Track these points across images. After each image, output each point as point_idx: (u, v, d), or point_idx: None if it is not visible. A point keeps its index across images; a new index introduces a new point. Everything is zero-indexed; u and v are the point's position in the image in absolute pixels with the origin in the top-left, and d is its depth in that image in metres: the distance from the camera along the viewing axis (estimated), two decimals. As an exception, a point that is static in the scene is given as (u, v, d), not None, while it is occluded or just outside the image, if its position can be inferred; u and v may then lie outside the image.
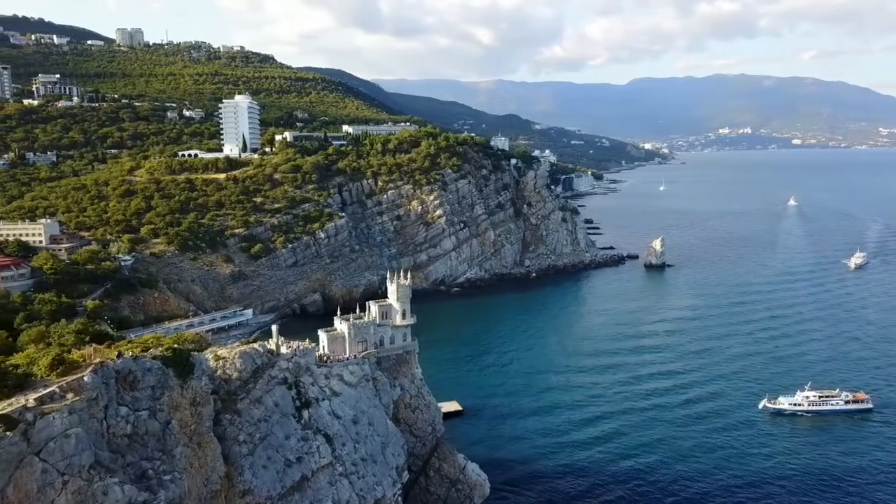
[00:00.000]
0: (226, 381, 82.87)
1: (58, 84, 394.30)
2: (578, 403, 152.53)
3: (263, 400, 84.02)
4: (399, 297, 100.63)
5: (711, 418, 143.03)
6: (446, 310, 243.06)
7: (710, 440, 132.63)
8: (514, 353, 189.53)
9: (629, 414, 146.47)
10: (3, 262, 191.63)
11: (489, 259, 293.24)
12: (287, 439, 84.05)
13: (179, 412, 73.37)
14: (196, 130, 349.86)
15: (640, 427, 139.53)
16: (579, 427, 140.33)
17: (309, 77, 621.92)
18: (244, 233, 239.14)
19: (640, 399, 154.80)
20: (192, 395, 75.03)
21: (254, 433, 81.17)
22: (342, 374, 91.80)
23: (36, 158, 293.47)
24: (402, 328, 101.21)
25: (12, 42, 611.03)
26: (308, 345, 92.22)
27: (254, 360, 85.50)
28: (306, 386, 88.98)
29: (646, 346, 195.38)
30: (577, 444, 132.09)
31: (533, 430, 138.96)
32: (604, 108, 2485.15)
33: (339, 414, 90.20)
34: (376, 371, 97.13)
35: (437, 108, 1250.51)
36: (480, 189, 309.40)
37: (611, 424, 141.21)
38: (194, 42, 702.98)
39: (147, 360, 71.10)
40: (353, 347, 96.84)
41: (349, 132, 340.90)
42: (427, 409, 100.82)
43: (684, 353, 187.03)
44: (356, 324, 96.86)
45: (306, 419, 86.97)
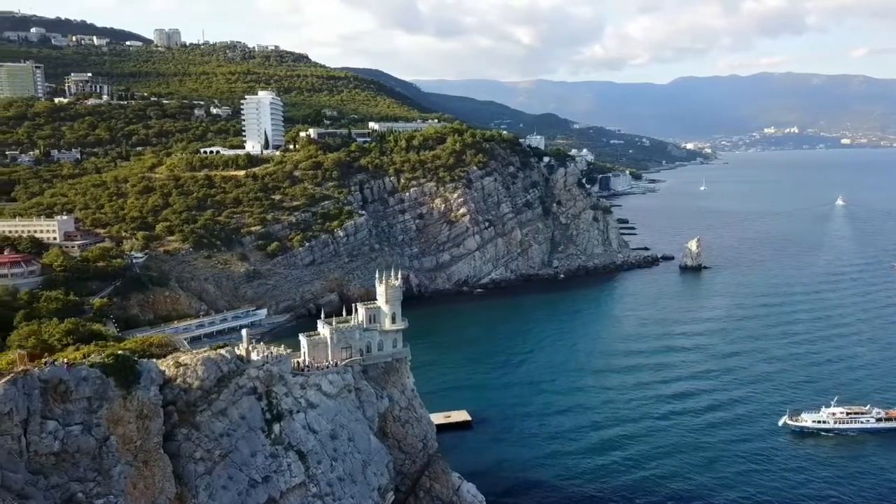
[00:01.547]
0: (185, 390, 74.88)
1: (89, 83, 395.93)
2: (594, 413, 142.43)
3: (228, 412, 75.84)
4: (388, 300, 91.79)
5: (728, 435, 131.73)
6: (467, 311, 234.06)
7: (725, 459, 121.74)
8: (535, 358, 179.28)
9: (644, 425, 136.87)
10: (13, 258, 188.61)
11: (515, 259, 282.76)
12: (253, 456, 75.74)
13: (122, 426, 65.56)
14: (222, 128, 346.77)
15: (655, 439, 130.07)
16: (592, 438, 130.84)
17: (341, 76, 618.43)
18: (261, 231, 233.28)
19: (657, 409, 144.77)
20: (138, 407, 67.15)
21: (213, 449, 72.99)
22: (320, 383, 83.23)
23: (60, 156, 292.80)
24: (391, 333, 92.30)
25: (53, 43, 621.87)
26: (283, 351, 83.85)
27: (219, 368, 77.42)
28: (279, 397, 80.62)
29: (672, 352, 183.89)
30: (587, 458, 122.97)
31: (543, 440, 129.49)
32: (645, 107, 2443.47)
33: (316, 428, 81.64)
34: (361, 381, 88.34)
35: (474, 108, 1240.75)
36: (507, 187, 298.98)
37: (626, 437, 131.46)
38: (230, 42, 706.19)
39: (83, 369, 63.46)
40: (336, 354, 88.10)
41: (375, 129, 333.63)
42: (418, 422, 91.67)
43: (711, 361, 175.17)
44: (339, 328, 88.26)
45: (277, 434, 78.61)
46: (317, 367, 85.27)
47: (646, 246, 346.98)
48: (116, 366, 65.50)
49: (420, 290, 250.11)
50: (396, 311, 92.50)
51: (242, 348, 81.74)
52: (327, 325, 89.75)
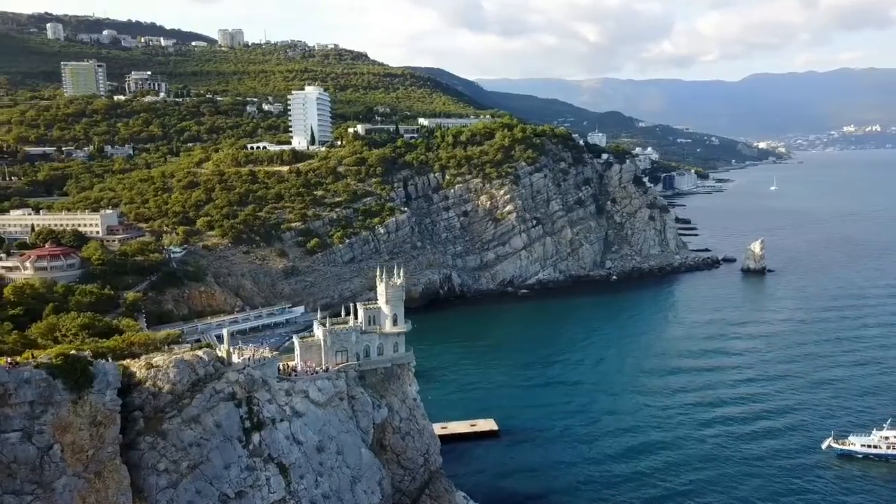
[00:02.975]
0: (154, 394, 68.85)
1: (148, 81, 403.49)
2: (631, 425, 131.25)
3: (201, 419, 69.39)
4: (389, 299, 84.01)
5: (766, 451, 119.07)
6: (510, 313, 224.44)
7: (761, 477, 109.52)
8: (577, 365, 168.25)
9: (681, 437, 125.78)
10: (53, 251, 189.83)
11: (565, 259, 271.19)
12: (227, 469, 69.09)
13: (70, 434, 59.72)
14: (272, 124, 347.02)
15: (690, 451, 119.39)
16: (625, 451, 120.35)
17: (398, 73, 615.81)
18: (301, 227, 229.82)
19: (696, 420, 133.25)
20: (91, 412, 61.26)
21: (180, 460, 66.64)
22: (308, 390, 76.07)
23: (114, 151, 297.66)
24: (392, 336, 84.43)
25: (123, 45, 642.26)
26: (268, 353, 77.09)
27: (193, 370, 71.19)
28: (261, 403, 73.82)
29: (722, 360, 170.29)
30: (619, 472, 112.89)
31: (573, 452, 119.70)
32: (715, 105, 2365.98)
33: (300, 439, 74.50)
34: (356, 388, 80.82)
35: (536, 106, 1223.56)
36: (558, 184, 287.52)
37: (661, 450, 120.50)
38: (290, 41, 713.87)
39: (26, 370, 57.88)
40: (329, 358, 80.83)
41: (424, 125, 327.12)
42: (420, 435, 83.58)
43: (762, 371, 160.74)
44: (333, 329, 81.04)
45: (256, 444, 71.78)
46: (306, 371, 78.08)
47: (706, 247, 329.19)
48: (65, 367, 59.70)
49: (462, 289, 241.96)
50: (398, 312, 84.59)
51: (223, 350, 75.41)
52: (321, 325, 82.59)
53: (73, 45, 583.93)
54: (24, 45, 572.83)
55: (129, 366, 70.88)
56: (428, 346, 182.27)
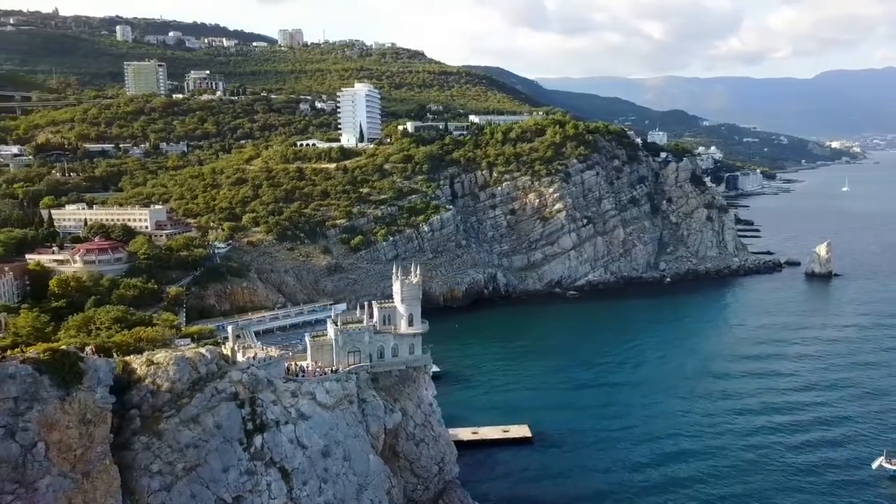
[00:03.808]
0: (153, 392, 66.52)
1: (206, 79, 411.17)
2: (673, 436, 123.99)
3: (201, 419, 66.71)
4: (404, 298, 79.99)
5: (817, 471, 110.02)
6: (556, 315, 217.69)
7: (814, 500, 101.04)
8: (620, 369, 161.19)
9: (726, 452, 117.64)
10: (101, 245, 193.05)
11: (616, 260, 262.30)
12: (225, 472, 66.22)
13: (58, 432, 57.60)
14: (324, 122, 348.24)
15: (734, 469, 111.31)
16: (663, 463, 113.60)
17: (454, 71, 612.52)
18: (345, 224, 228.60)
19: (744, 435, 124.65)
20: (80, 410, 59.07)
21: (176, 462, 64.03)
22: (315, 391, 72.63)
23: (168, 148, 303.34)
24: (407, 338, 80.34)
25: (187, 46, 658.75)
26: (274, 352, 73.99)
27: (194, 369, 68.64)
28: (265, 405, 70.76)
29: (777, 369, 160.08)
30: (653, 483, 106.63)
31: (610, 463, 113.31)
32: (785, 104, 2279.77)
33: (305, 443, 71.13)
34: (368, 390, 77.03)
35: (597, 105, 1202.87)
36: (611, 182, 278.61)
37: (702, 462, 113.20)
38: (349, 40, 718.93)
39: (10, 365, 56.01)
40: (341, 358, 77.26)
41: (474, 122, 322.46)
42: (435, 442, 79.22)
43: (818, 383, 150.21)
44: (345, 329, 77.42)
45: (258, 447, 68.75)
46: (314, 372, 74.67)
47: (769, 250, 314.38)
48: (53, 363, 57.62)
49: (507, 290, 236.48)
50: (414, 312, 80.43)
51: (228, 347, 72.69)
52: (334, 324, 79.10)
53: (140, 47, 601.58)
54: (94, 47, 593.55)
55: (130, 362, 68.89)
56: (467, 346, 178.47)
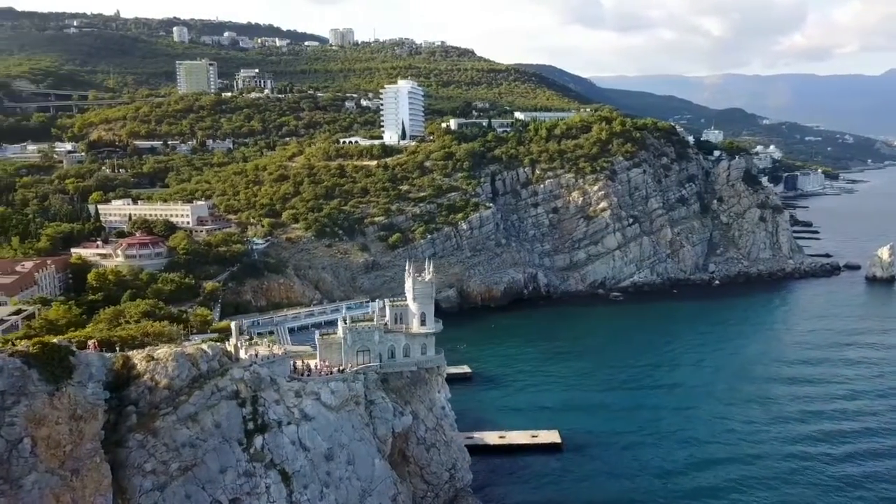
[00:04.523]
0: (151, 389, 64.73)
1: (255, 78, 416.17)
2: (710, 447, 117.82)
3: (199, 418, 64.65)
4: (416, 297, 76.57)
5: (865, 483, 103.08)
6: (598, 317, 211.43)
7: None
8: (662, 375, 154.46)
9: (769, 461, 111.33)
10: (142, 240, 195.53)
11: (663, 261, 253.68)
12: (222, 473, 63.97)
13: (46, 428, 56.07)
14: (369, 119, 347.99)
15: (776, 480, 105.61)
16: (698, 476, 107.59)
17: (502, 69, 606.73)
18: (384, 221, 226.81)
19: (788, 443, 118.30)
20: (70, 405, 57.48)
21: (171, 461, 62.03)
22: (319, 391, 69.81)
23: (215, 145, 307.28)
24: (419, 337, 76.93)
25: (240, 46, 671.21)
26: (279, 350, 71.50)
27: (194, 365, 66.64)
28: (267, 404, 68.34)
29: (828, 380, 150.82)
30: (686, 496, 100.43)
31: (643, 475, 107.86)
32: (851, 101, 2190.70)
33: (308, 445, 68.41)
34: (377, 392, 73.93)
35: (652, 104, 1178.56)
36: (658, 180, 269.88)
37: (739, 477, 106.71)
38: (399, 39, 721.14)
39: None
40: (350, 358, 74.35)
41: (519, 118, 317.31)
42: (447, 447, 75.60)
43: (872, 396, 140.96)
44: (355, 327, 74.40)
45: (258, 448, 66.37)
46: (321, 371, 71.91)
47: (827, 252, 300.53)
48: (42, 356, 56.16)
49: (548, 290, 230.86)
50: (427, 311, 76.99)
51: (230, 344, 70.54)
52: (343, 322, 76.25)
53: (195, 47, 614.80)
54: (151, 47, 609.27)
55: (132, 357, 67.36)
56: (502, 347, 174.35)
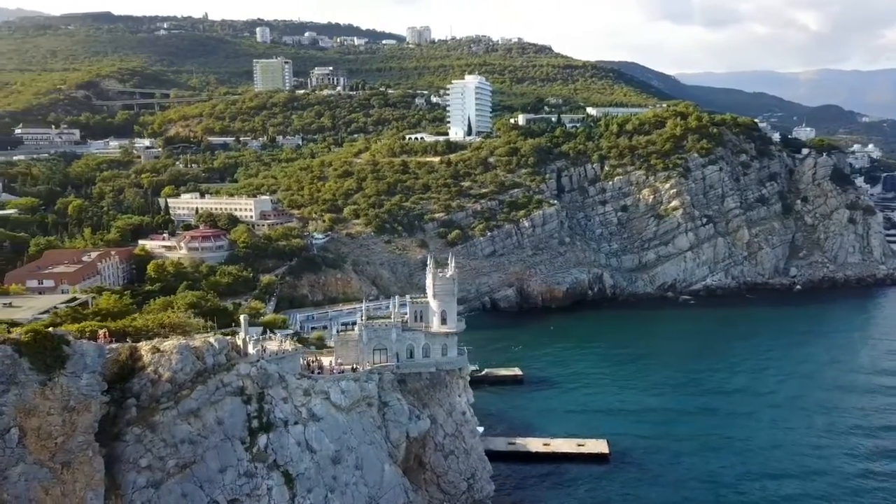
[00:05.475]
0: (153, 382, 62.86)
1: (328, 75, 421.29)
2: (770, 461, 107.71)
3: (202, 414, 62.41)
4: (437, 294, 72.27)
5: None
6: (666, 321, 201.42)
7: None
8: (727, 386, 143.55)
9: (831, 482, 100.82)
10: (205, 233, 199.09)
11: (740, 264, 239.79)
12: (222, 472, 61.48)
13: (36, 418, 54.70)
14: (437, 116, 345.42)
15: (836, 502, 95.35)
16: (757, 492, 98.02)
17: (579, 65, 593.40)
18: (444, 218, 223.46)
19: (854, 465, 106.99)
20: (63, 396, 56.01)
21: (168, 458, 59.94)
22: (329, 391, 66.33)
23: (284, 141, 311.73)
24: (440, 337, 72.46)
25: (319, 45, 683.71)
26: (291, 345, 68.47)
27: (199, 359, 64.46)
28: (274, 402, 65.44)
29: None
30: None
31: (693, 494, 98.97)
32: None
33: (314, 447, 65.08)
34: (393, 393, 69.99)
35: (740, 101, 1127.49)
36: (737, 178, 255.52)
37: (804, 495, 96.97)
38: (475, 36, 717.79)
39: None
40: (367, 356, 70.67)
41: (591, 114, 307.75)
42: (466, 456, 70.84)
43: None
44: (371, 324, 70.72)
45: (261, 447, 63.59)
46: (333, 370, 68.47)
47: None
48: (34, 345, 54.84)
49: (614, 291, 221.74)
50: (448, 309, 72.43)
51: (239, 338, 68.00)
52: (361, 319, 72.60)
53: (276, 47, 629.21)
54: (234, 48, 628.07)
55: (139, 348, 65.83)
56: (558, 350, 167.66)
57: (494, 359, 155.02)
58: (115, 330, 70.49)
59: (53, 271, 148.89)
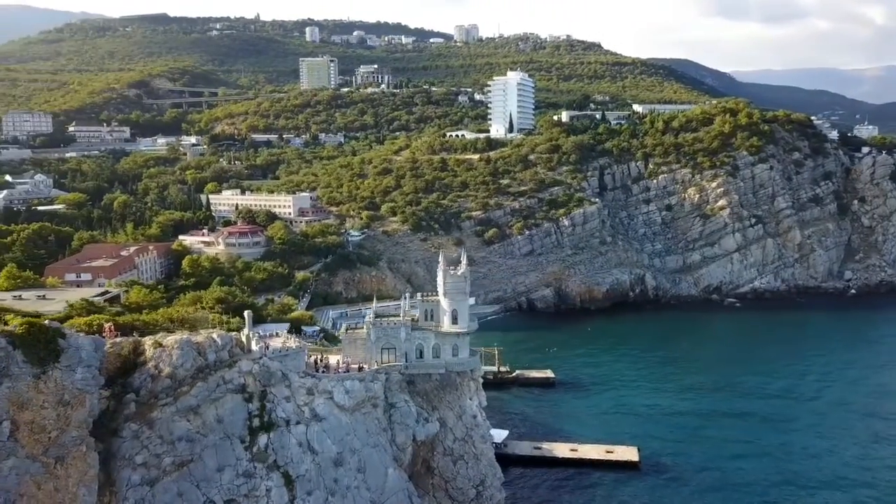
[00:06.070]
0: (154, 377, 61.79)
1: (373, 73, 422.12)
2: (815, 478, 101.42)
3: (201, 411, 61.05)
4: (447, 292, 69.49)
5: None
6: (709, 325, 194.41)
7: None
8: (770, 395, 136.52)
9: (872, 492, 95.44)
10: (242, 229, 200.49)
11: (790, 266, 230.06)
12: (220, 472, 59.98)
13: (29, 412, 53.99)
14: (480, 113, 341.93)
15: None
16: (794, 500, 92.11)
17: (628, 62, 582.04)
18: (481, 216, 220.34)
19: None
20: (57, 390, 55.22)
21: (164, 455, 58.74)
22: (333, 390, 64.27)
23: (326, 139, 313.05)
24: (451, 337, 69.58)
25: (367, 44, 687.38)
26: (295, 343, 66.64)
27: (200, 355, 63.13)
28: (276, 401, 63.70)
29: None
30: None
31: (722, 499, 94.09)
32: None
33: (316, 448, 63.12)
34: (401, 394, 67.52)
35: (799, 99, 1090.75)
36: (789, 177, 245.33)
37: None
38: (523, 34, 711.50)
39: (-20, 337, 53.25)
40: (374, 355, 68.43)
41: (637, 111, 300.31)
42: (475, 461, 67.84)
43: None
44: (379, 322, 68.34)
45: (261, 447, 61.88)
46: (338, 369, 66.39)
47: None
48: (28, 337, 54.15)
49: (657, 293, 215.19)
50: (459, 308, 69.52)
51: (243, 334, 66.45)
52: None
53: (324, 46, 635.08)
54: (284, 47, 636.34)
55: (143, 343, 64.93)
56: (594, 353, 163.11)
57: (527, 360, 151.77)
58: (122, 324, 69.83)
59: (91, 265, 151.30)
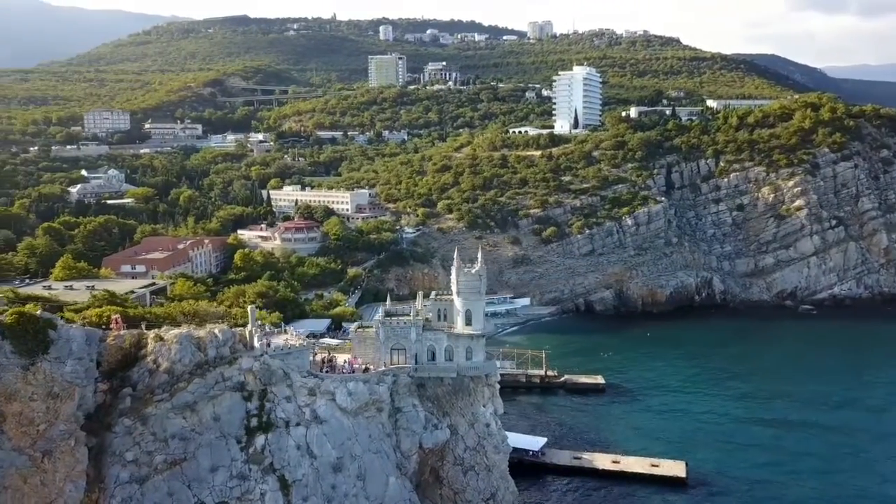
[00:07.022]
0: (151, 372, 60.16)
1: (441, 71, 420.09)
2: (871, 491, 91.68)
3: (198, 408, 59.04)
4: (461, 291, 65.11)
5: None
6: (779, 333, 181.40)
7: None
8: (838, 411, 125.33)
9: None
10: (298, 225, 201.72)
11: (875, 272, 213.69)
12: (213, 472, 57.76)
13: (17, 403, 53.06)
14: (546, 109, 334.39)
15: None
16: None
17: (706, 57, 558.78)
18: (540, 214, 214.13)
19: None
20: (47, 382, 54.11)
21: (156, 453, 56.95)
22: (335, 392, 61.09)
23: (390, 136, 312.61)
24: (464, 339, 65.17)
25: (440, 42, 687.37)
26: (300, 341, 63.78)
27: (199, 350, 61.07)
28: (276, 400, 61.02)
29: None
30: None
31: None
32: None
33: (315, 451, 60.06)
34: (409, 398, 63.70)
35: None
36: (875, 177, 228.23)
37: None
38: (598, 30, 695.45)
39: (-32, 326, 52.53)
40: (384, 356, 64.89)
41: (711, 107, 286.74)
42: (487, 473, 63.23)
43: None
44: (388, 321, 64.67)
45: (258, 448, 59.33)
46: (343, 369, 63.18)
47: None
48: (16, 328, 53.19)
49: (724, 298, 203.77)
50: (474, 309, 65.01)
51: (246, 330, 64.04)
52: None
53: (397, 45, 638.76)
54: (357, 46, 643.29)
55: (145, 336, 63.48)
56: (651, 359, 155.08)
57: (578, 365, 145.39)
58: (132, 317, 68.75)
59: (146, 257, 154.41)
